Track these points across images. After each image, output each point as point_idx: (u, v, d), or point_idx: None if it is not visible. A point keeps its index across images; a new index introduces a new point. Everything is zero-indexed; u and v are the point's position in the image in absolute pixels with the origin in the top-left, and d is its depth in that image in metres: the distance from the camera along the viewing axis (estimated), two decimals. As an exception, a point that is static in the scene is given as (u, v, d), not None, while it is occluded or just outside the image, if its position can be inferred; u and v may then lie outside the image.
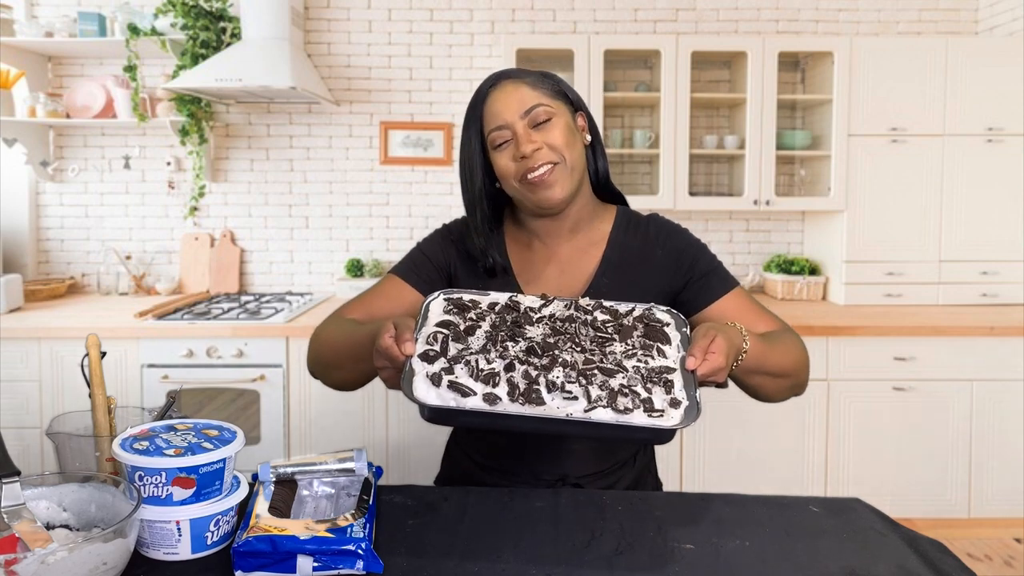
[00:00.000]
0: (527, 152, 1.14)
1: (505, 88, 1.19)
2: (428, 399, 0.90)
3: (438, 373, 0.92)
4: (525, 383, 0.92)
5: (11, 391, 2.67)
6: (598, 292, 1.23)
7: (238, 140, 3.36)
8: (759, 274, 3.40)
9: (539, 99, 1.17)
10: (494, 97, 1.19)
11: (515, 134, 1.16)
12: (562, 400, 0.90)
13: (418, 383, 0.92)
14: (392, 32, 3.33)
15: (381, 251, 3.41)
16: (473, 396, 0.90)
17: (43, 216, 3.37)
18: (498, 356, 0.96)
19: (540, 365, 0.94)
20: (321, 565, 0.87)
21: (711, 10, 3.33)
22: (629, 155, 3.34)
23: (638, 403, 0.89)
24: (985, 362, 2.76)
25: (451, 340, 0.98)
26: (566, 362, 0.95)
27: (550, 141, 1.16)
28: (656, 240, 1.27)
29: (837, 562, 0.93)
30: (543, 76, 1.22)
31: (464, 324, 1.02)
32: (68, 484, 0.92)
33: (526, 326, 1.02)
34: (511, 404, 0.89)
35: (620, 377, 0.93)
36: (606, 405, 0.89)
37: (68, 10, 3.25)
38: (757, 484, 2.71)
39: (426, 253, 1.30)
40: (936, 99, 3.00)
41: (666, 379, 0.93)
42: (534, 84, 1.19)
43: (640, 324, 1.03)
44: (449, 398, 0.90)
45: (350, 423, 2.74)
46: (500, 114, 1.17)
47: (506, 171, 1.18)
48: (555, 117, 1.17)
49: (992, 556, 2.64)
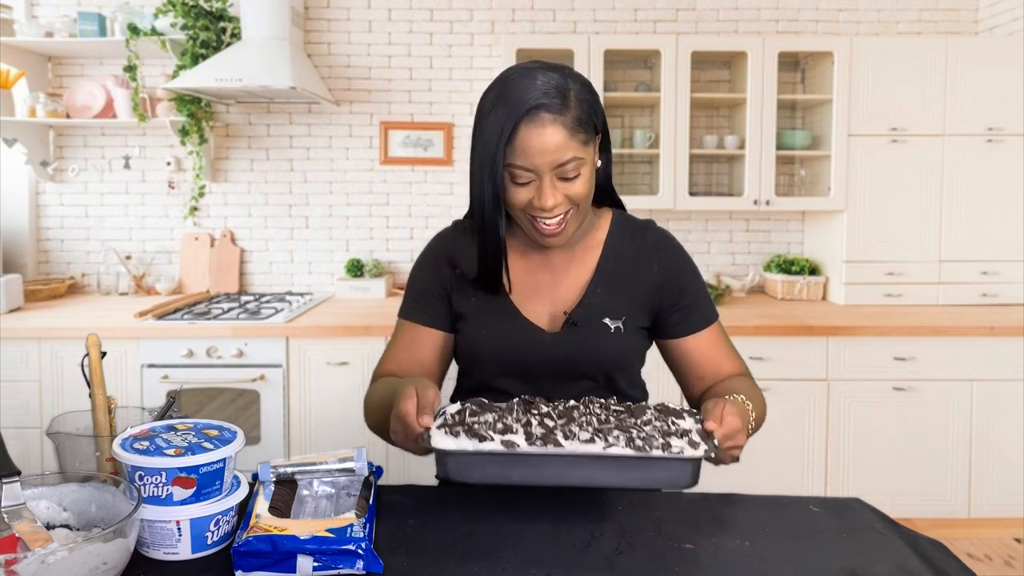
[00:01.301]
0: (548, 206, 1.11)
1: (544, 128, 1.07)
2: (447, 446, 0.93)
3: (457, 429, 0.95)
4: (543, 432, 0.94)
5: (11, 391, 2.67)
6: (591, 302, 1.23)
7: (238, 140, 3.36)
8: (759, 274, 3.40)
9: (574, 151, 1.09)
10: (529, 132, 1.07)
11: (540, 180, 1.11)
12: (580, 444, 0.92)
13: (436, 437, 0.95)
14: (392, 32, 3.33)
15: (381, 251, 3.41)
16: (491, 441, 0.92)
17: (43, 216, 3.37)
18: (515, 420, 0.98)
19: (558, 423, 0.97)
20: (321, 565, 0.87)
21: (711, 10, 3.33)
22: (629, 155, 3.34)
23: (656, 445, 0.91)
24: (985, 362, 2.76)
25: (468, 415, 1.00)
26: (583, 422, 0.97)
27: (572, 195, 1.12)
28: (654, 252, 1.27)
29: (837, 562, 0.93)
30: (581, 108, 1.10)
31: (480, 408, 1.04)
32: (68, 484, 0.92)
33: (541, 406, 1.04)
34: (530, 447, 0.91)
35: (636, 432, 0.95)
36: (624, 446, 0.91)
37: (68, 10, 3.25)
38: (757, 484, 2.70)
39: (422, 286, 1.29)
40: (936, 99, 3.00)
41: (683, 431, 0.95)
42: (574, 130, 1.09)
43: (652, 408, 1.05)
44: (467, 444, 0.92)
45: (350, 423, 2.74)
46: (531, 157, 1.08)
47: (517, 203, 1.14)
48: (583, 168, 1.12)
49: (992, 556, 2.64)
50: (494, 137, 1.08)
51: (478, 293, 1.25)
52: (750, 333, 2.71)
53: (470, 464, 0.93)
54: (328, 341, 2.71)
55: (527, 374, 1.23)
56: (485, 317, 1.24)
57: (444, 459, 0.94)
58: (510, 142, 1.08)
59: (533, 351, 1.22)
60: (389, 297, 3.26)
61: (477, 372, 1.27)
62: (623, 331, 1.22)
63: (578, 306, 1.22)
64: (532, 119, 1.07)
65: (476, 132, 1.13)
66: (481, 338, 1.23)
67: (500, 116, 1.08)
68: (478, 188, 1.13)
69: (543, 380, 1.23)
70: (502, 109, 1.08)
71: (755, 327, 2.72)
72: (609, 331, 1.21)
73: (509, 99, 1.08)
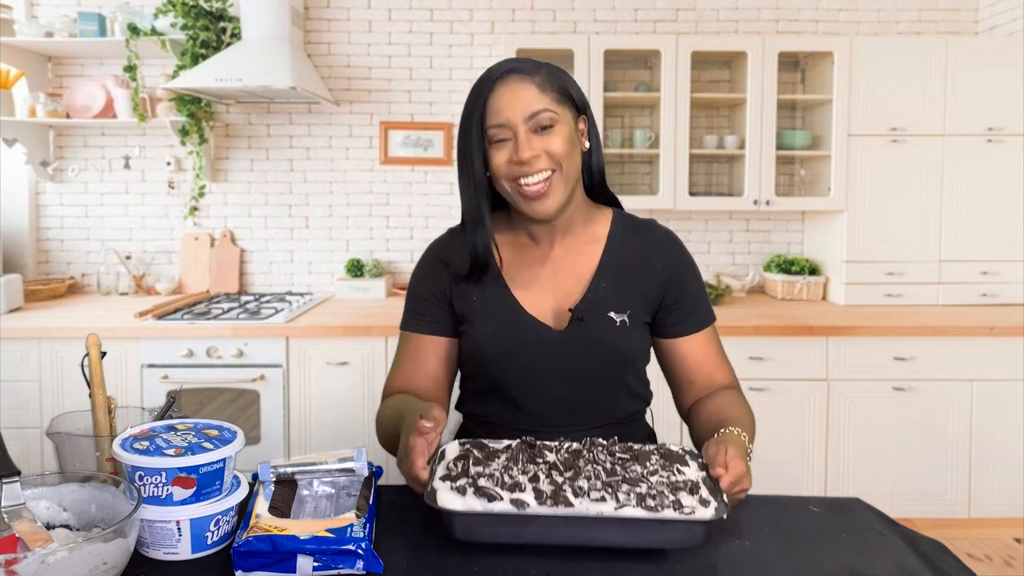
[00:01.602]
0: (525, 158, 1.13)
1: (512, 85, 1.15)
2: (455, 506, 0.90)
3: (463, 486, 0.93)
4: (551, 488, 0.92)
5: (11, 391, 2.67)
6: (595, 296, 1.22)
7: (238, 140, 3.36)
8: (759, 274, 3.40)
9: (545, 104, 1.14)
10: (500, 91, 1.15)
11: (516, 135, 1.14)
12: (590, 503, 0.90)
13: (443, 495, 0.92)
14: (392, 32, 3.33)
15: (381, 251, 3.41)
16: (500, 501, 0.90)
17: (43, 216, 3.37)
18: (521, 472, 0.96)
19: (565, 477, 0.95)
20: (321, 565, 0.87)
21: (711, 10, 3.33)
22: (629, 155, 3.34)
23: (667, 504, 0.90)
24: (985, 362, 2.76)
25: (471, 464, 0.99)
26: (590, 475, 0.95)
27: (550, 149, 1.14)
28: (656, 250, 1.27)
29: (837, 562, 0.93)
30: (552, 75, 1.18)
31: (482, 455, 1.03)
32: (68, 484, 0.92)
33: (545, 452, 1.02)
34: (540, 507, 0.89)
35: (645, 487, 0.93)
36: (635, 505, 0.89)
37: (68, 10, 3.25)
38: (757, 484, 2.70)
39: (421, 294, 1.29)
40: (936, 99, 3.00)
41: (692, 485, 0.94)
42: (543, 86, 1.15)
43: (655, 453, 1.04)
44: (475, 505, 0.90)
45: (350, 423, 2.74)
46: (503, 111, 1.14)
47: (500, 169, 1.16)
48: (558, 124, 1.15)
49: (992, 556, 2.64)
50: (471, 107, 1.17)
51: (478, 291, 1.24)
52: (750, 333, 2.71)
53: (479, 524, 0.90)
54: (328, 341, 2.71)
55: (533, 372, 1.22)
56: (488, 316, 1.23)
57: (451, 519, 0.90)
58: (485, 107, 1.15)
59: (540, 349, 1.21)
60: (389, 297, 3.26)
61: (483, 373, 1.26)
62: (628, 325, 1.22)
63: (582, 301, 1.22)
64: (502, 82, 1.16)
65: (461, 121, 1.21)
66: (486, 337, 1.23)
67: (475, 91, 1.18)
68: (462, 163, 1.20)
69: (550, 380, 1.22)
70: (477, 86, 1.18)
71: (755, 327, 2.72)
72: (615, 325, 1.21)
73: (483, 76, 1.19)
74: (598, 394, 1.23)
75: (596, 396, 1.23)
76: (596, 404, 1.23)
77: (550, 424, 1.22)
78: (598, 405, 1.24)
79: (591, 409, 1.23)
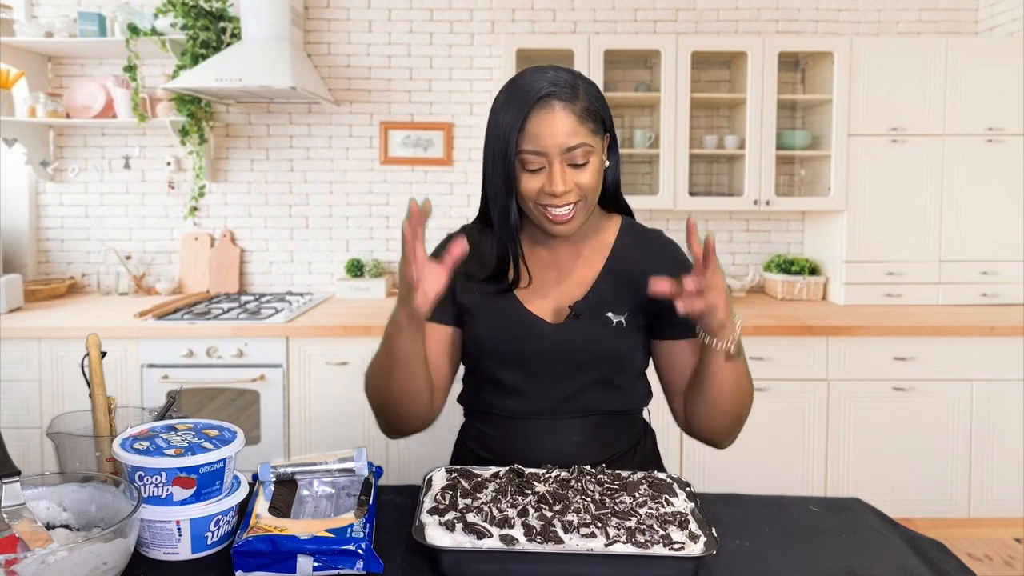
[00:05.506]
0: (558, 191, 1.13)
1: (554, 114, 1.12)
2: (443, 543, 0.89)
3: (451, 520, 0.92)
4: (541, 524, 0.91)
5: (11, 391, 2.67)
6: (596, 297, 1.23)
7: (238, 140, 3.36)
8: (759, 274, 3.40)
9: (582, 137, 1.13)
10: (541, 117, 1.12)
11: (550, 165, 1.14)
12: (580, 539, 0.89)
13: (431, 530, 0.91)
14: (392, 32, 3.33)
15: (381, 251, 3.41)
16: (490, 538, 0.89)
17: (43, 216, 3.37)
18: (509, 505, 0.96)
19: (554, 511, 0.95)
20: (321, 565, 0.87)
21: (711, 10, 3.33)
22: (629, 155, 3.34)
23: (657, 539, 0.89)
24: (985, 362, 2.76)
25: (459, 496, 0.98)
26: (579, 508, 0.95)
27: (581, 182, 1.15)
28: (660, 256, 1.29)
29: (837, 562, 0.93)
30: (590, 100, 1.16)
31: (470, 485, 1.02)
32: (68, 484, 0.92)
33: (533, 482, 1.02)
34: (530, 544, 0.88)
35: (635, 520, 0.93)
36: (625, 541, 0.89)
37: (68, 10, 3.25)
38: (757, 484, 2.70)
39: None
40: (936, 99, 3.00)
41: (682, 519, 0.94)
42: (583, 118, 1.13)
43: (644, 482, 1.04)
44: (464, 541, 0.89)
45: (350, 423, 2.74)
46: (541, 140, 1.12)
47: (529, 193, 1.16)
48: (592, 157, 1.15)
49: (992, 556, 2.64)
50: (507, 126, 1.13)
51: (482, 288, 1.26)
52: (750, 333, 2.71)
53: (467, 561, 0.88)
54: (328, 341, 2.71)
55: (529, 366, 1.23)
56: (488, 311, 1.25)
57: (439, 555, 0.88)
58: (522, 129, 1.12)
59: (535, 342, 1.22)
60: (389, 297, 3.26)
61: (481, 366, 1.27)
62: (625, 327, 1.23)
63: (582, 300, 1.24)
64: (543, 106, 1.12)
65: (489, 127, 1.18)
66: (484, 331, 1.25)
67: (513, 106, 1.13)
68: (492, 178, 1.18)
69: (545, 373, 1.23)
70: (515, 100, 1.14)
71: (755, 327, 2.72)
72: (611, 325, 1.22)
73: (521, 91, 1.14)
74: (594, 389, 1.24)
75: (591, 391, 1.24)
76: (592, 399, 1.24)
77: (546, 415, 1.24)
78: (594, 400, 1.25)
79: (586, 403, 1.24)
